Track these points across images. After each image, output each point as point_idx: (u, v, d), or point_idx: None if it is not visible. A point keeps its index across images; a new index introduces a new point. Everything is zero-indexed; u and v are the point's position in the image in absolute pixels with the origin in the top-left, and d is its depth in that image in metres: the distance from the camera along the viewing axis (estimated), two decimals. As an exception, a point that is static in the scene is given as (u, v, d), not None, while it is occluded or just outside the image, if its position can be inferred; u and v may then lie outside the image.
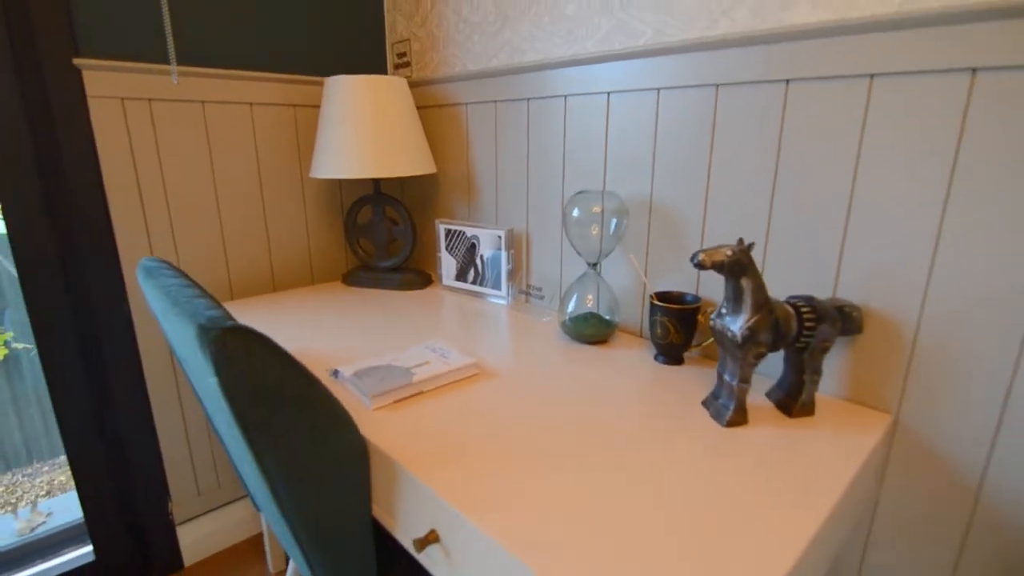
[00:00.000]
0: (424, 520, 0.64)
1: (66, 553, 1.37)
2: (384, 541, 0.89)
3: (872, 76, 0.72)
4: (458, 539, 0.59)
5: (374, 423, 0.75)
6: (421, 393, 0.83)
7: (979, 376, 0.69)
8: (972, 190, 0.66)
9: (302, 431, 0.64)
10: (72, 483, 1.59)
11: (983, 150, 0.65)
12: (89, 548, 1.36)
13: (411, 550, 0.66)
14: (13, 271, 1.71)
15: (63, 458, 1.64)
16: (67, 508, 1.54)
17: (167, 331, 0.78)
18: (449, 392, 0.83)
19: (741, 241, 0.69)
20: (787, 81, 0.79)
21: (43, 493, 1.64)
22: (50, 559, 1.35)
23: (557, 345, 1.02)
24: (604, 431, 0.71)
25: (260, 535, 1.55)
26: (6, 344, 1.90)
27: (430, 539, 0.61)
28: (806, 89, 0.77)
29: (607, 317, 1.03)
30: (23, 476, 1.67)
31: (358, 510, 0.71)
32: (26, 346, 1.65)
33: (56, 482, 1.66)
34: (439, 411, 0.77)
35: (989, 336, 0.68)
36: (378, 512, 0.74)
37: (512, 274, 1.27)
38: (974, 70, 0.64)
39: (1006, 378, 0.67)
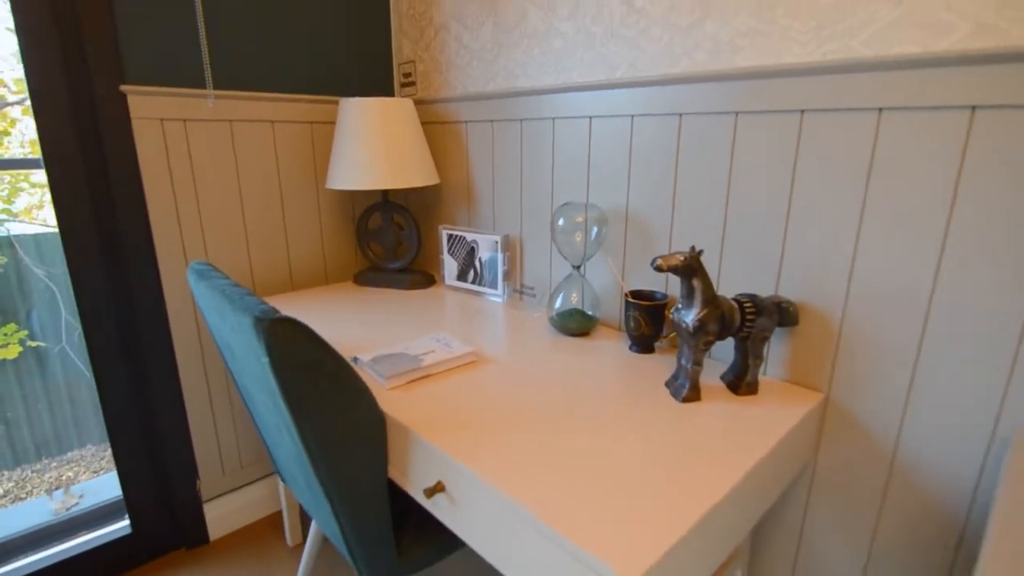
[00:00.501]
0: (432, 474, 0.79)
1: (105, 527, 1.52)
2: (395, 502, 1.04)
3: (803, 111, 0.86)
4: (461, 487, 0.74)
5: (389, 400, 0.89)
6: (428, 376, 0.97)
7: (891, 360, 0.84)
8: (881, 204, 0.81)
9: (334, 403, 0.78)
10: (86, 474, 1.74)
11: (886, 173, 0.80)
12: (126, 522, 1.51)
13: (421, 500, 0.81)
14: (41, 274, 1.86)
15: (71, 454, 1.78)
16: (95, 491, 1.68)
17: (217, 323, 0.92)
18: (452, 375, 0.98)
19: (693, 248, 0.84)
20: (736, 113, 0.94)
21: (54, 487, 1.78)
22: (91, 532, 1.50)
23: (546, 337, 1.16)
24: (583, 406, 0.86)
25: (279, 513, 1.70)
26: (21, 343, 2.05)
27: (437, 488, 0.76)
28: (751, 120, 0.92)
29: (589, 313, 1.17)
30: (31, 471, 1.81)
31: (377, 471, 0.86)
32: (41, 344, 1.79)
33: (64, 477, 1.80)
34: (444, 390, 0.92)
35: (897, 326, 0.83)
36: (393, 473, 0.89)
37: (507, 275, 1.42)
38: (880, 110, 0.79)
39: (911, 360, 0.82)
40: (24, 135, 1.52)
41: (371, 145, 1.36)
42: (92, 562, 1.43)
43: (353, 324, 1.26)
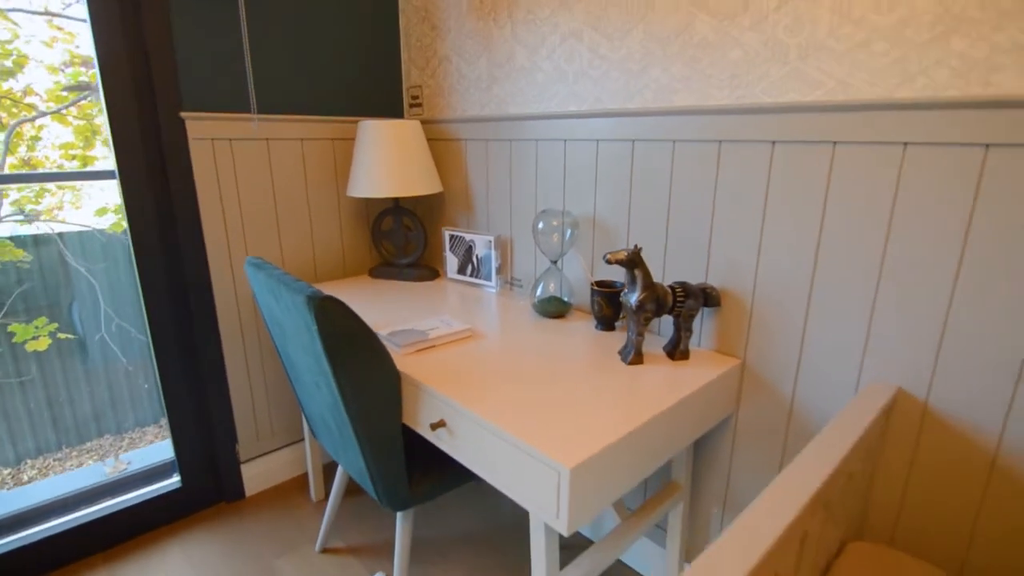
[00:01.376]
0: (436, 414, 1.05)
1: (157, 483, 1.78)
2: (408, 450, 1.31)
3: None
4: (457, 421, 1.00)
5: (403, 363, 1.16)
6: (433, 346, 1.24)
7: (786, 333, 1.10)
8: (776, 215, 1.07)
9: (364, 362, 1.05)
10: (128, 447, 2.00)
11: (779, 192, 1.06)
12: (177, 479, 1.77)
13: (427, 434, 1.08)
14: (82, 270, 2.15)
15: (112, 432, 2.05)
16: (141, 458, 1.95)
17: (270, 303, 1.19)
18: (452, 346, 1.24)
19: (636, 246, 1.11)
20: (674, 141, 1.20)
21: (104, 457, 2.05)
22: (146, 487, 1.77)
23: (529, 319, 1.43)
24: (554, 368, 1.13)
25: (305, 474, 1.96)
26: (51, 335, 2.32)
27: (440, 424, 1.03)
28: (684, 148, 1.18)
29: (565, 299, 1.44)
30: (76, 450, 2.08)
31: (394, 415, 1.13)
32: (69, 336, 2.05)
33: (111, 448, 2.06)
34: (445, 356, 1.19)
35: (790, 307, 1.09)
36: (405, 419, 1.15)
37: (499, 269, 1.68)
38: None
39: (799, 332, 1.08)
40: (57, 139, 1.78)
41: (385, 160, 1.63)
42: (151, 509, 1.70)
43: (370, 308, 1.52)
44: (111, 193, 1.82)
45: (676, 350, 1.16)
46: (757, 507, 0.65)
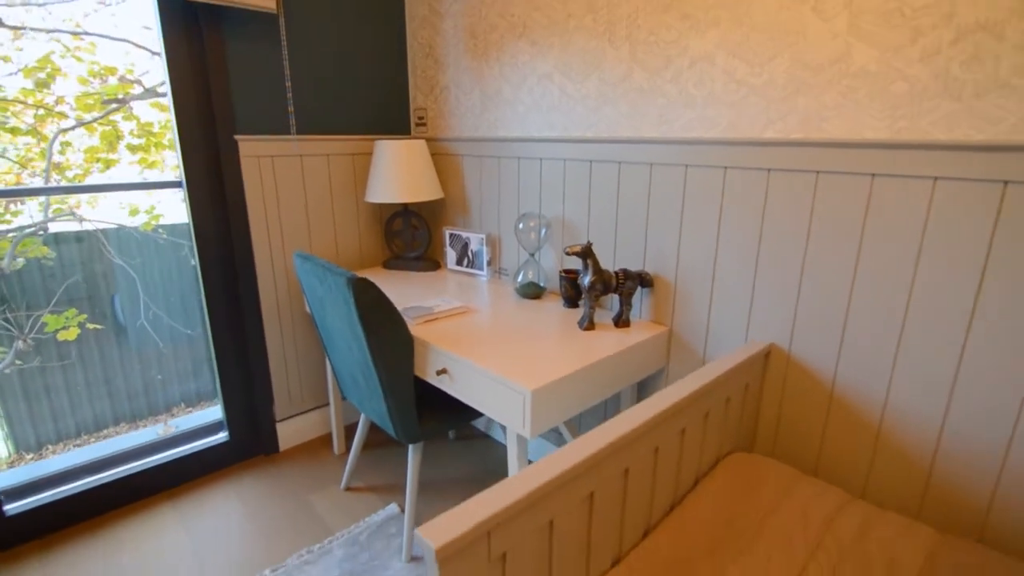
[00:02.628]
0: (440, 364, 1.44)
1: (207, 438, 2.16)
2: (417, 400, 1.69)
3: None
4: (455, 367, 1.39)
5: (415, 330, 1.54)
6: (437, 318, 1.62)
7: (699, 306, 1.49)
8: (691, 218, 1.46)
9: (388, 327, 1.43)
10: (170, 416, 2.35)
11: (692, 204, 1.44)
12: (225, 434, 2.15)
13: (432, 379, 1.46)
14: (124, 265, 2.53)
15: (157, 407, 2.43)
16: (185, 423, 2.32)
17: (314, 285, 1.57)
18: (451, 318, 1.62)
19: (589, 242, 1.49)
20: (619, 163, 1.58)
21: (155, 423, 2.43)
22: (195, 442, 2.14)
23: (512, 299, 1.81)
24: (527, 335, 1.51)
25: (328, 434, 2.35)
26: (80, 326, 2.68)
27: (443, 371, 1.41)
28: (627, 168, 1.57)
29: (540, 284, 1.82)
30: (109, 430, 2.44)
31: (408, 368, 1.51)
32: (98, 326, 2.40)
33: (159, 417, 2.42)
34: (446, 326, 1.57)
35: (700, 286, 1.47)
36: (417, 371, 1.54)
37: (490, 261, 2.07)
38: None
39: (707, 306, 1.47)
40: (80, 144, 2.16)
41: (396, 172, 2.01)
42: (204, 458, 2.08)
43: (386, 291, 1.90)
44: (135, 196, 2.20)
45: (620, 319, 1.55)
46: (622, 415, 1.03)
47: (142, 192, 2.10)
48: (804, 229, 1.25)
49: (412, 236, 2.25)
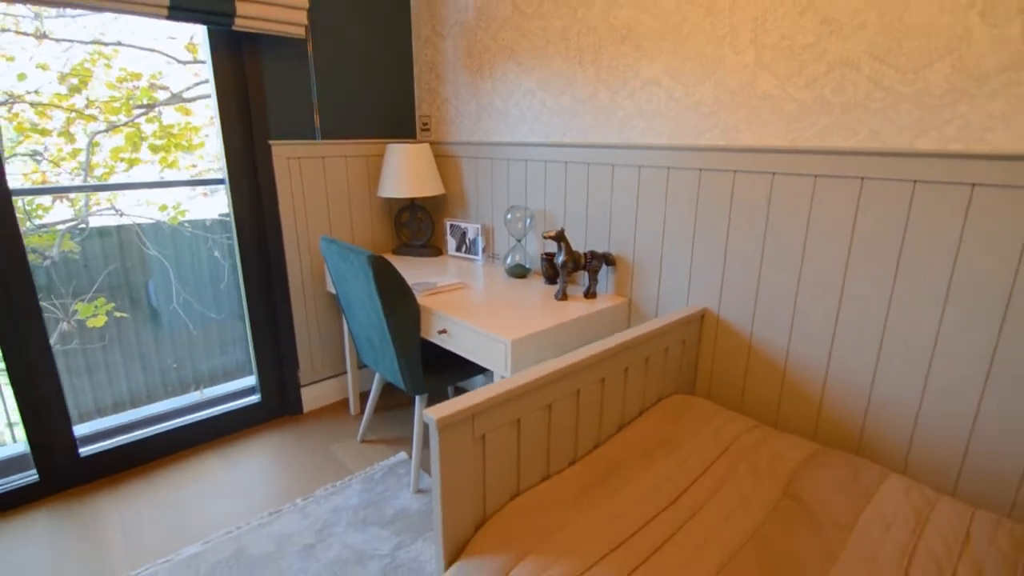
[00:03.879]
0: (441, 326, 1.79)
1: (240, 400, 2.51)
2: (423, 361, 2.03)
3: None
4: (454, 328, 1.74)
5: (421, 300, 1.89)
6: (439, 291, 1.97)
7: (651, 280, 1.83)
8: (644, 210, 1.80)
9: (400, 297, 1.78)
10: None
11: (644, 198, 1.79)
12: (257, 396, 2.51)
13: (435, 338, 1.81)
14: (158, 255, 2.89)
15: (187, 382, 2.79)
16: (214, 392, 2.67)
17: (338, 263, 1.91)
18: (451, 292, 1.97)
19: (562, 228, 1.83)
20: (588, 164, 1.93)
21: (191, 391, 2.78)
22: (231, 403, 2.49)
23: (502, 279, 2.16)
24: (512, 305, 1.86)
25: (345, 399, 2.70)
26: (107, 314, 3.03)
27: (443, 331, 1.76)
28: (596, 168, 1.91)
29: (526, 265, 2.17)
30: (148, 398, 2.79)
31: (416, 331, 1.86)
32: (123, 315, 2.74)
33: (193, 387, 2.78)
34: (447, 297, 1.92)
35: (651, 263, 1.82)
36: (423, 333, 1.89)
37: (484, 248, 2.41)
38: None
39: (657, 280, 1.81)
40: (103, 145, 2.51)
41: (404, 171, 2.35)
42: (240, 416, 2.43)
43: (396, 273, 2.25)
44: (155, 194, 2.56)
45: (588, 292, 1.90)
46: (575, 351, 1.37)
47: (160, 189, 2.45)
48: (726, 216, 1.60)
49: (418, 226, 2.60)
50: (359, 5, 2.36)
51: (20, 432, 2.52)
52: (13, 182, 1.87)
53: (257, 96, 2.16)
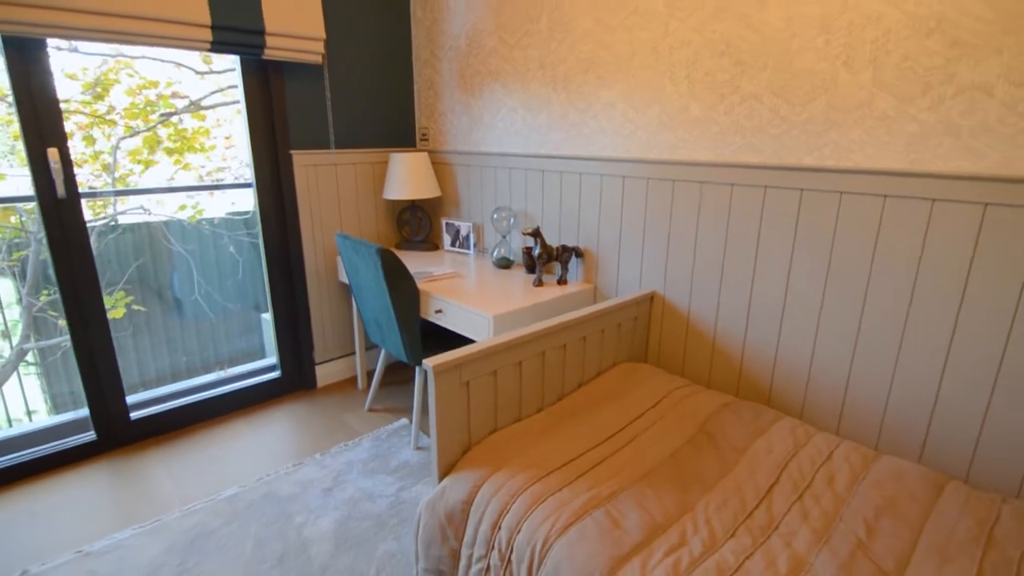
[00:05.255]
0: (437, 307, 2.16)
1: (263, 375, 2.88)
2: (423, 336, 2.40)
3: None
4: (448, 308, 2.11)
5: (421, 286, 2.26)
6: (436, 279, 2.34)
7: (611, 269, 2.20)
8: (605, 209, 2.17)
9: (404, 284, 2.15)
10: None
11: (606, 200, 2.16)
12: (278, 372, 2.88)
13: (432, 317, 2.18)
14: (182, 252, 3.27)
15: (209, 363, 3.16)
16: (235, 372, 3.05)
17: (351, 255, 2.28)
18: (446, 280, 2.34)
19: (538, 226, 2.20)
20: (560, 172, 2.30)
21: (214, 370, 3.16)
22: (255, 377, 2.86)
23: (490, 269, 2.53)
24: (499, 289, 2.23)
25: (353, 377, 3.07)
26: (127, 306, 3.40)
27: (439, 311, 2.13)
28: (567, 176, 2.28)
29: (510, 258, 2.54)
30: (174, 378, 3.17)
31: (416, 312, 2.22)
32: (142, 308, 3.11)
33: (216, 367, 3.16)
34: (442, 284, 2.28)
35: (610, 252, 2.19)
36: (422, 313, 2.26)
37: (476, 243, 2.78)
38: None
39: (615, 269, 2.18)
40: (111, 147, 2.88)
41: (406, 176, 2.72)
42: (262, 389, 2.80)
43: (399, 264, 2.62)
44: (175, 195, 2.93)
45: (560, 279, 2.26)
46: (542, 322, 1.74)
47: (193, 191, 2.81)
48: (667, 217, 1.97)
49: (417, 224, 2.97)
50: (368, 34, 2.72)
51: (37, 417, 2.92)
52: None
53: (280, 112, 2.53)
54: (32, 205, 2.60)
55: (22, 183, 3.00)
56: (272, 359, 2.92)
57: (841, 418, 1.67)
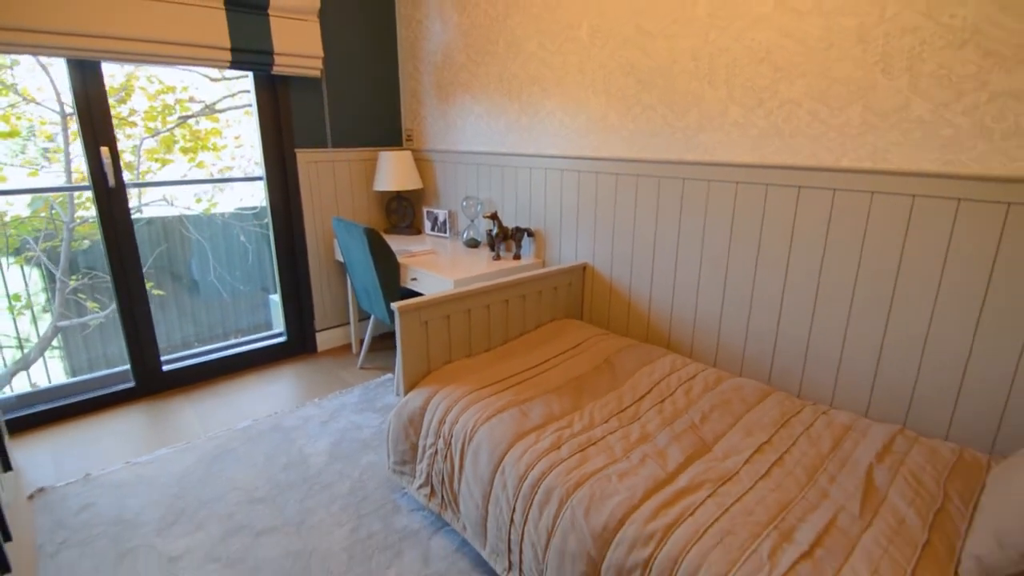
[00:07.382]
0: (413, 276, 2.67)
1: (271, 339, 3.39)
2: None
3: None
4: (421, 276, 2.62)
5: (402, 260, 2.77)
6: (415, 255, 2.84)
7: (556, 242, 2.70)
8: (550, 197, 2.67)
9: (386, 258, 2.65)
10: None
11: (550, 190, 2.66)
12: (284, 337, 3.39)
13: (410, 284, 2.69)
14: (200, 239, 3.79)
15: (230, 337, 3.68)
16: (249, 338, 3.57)
17: (345, 236, 2.79)
18: (423, 256, 2.85)
19: (495, 211, 2.71)
20: (516, 168, 2.80)
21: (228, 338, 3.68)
22: (265, 340, 3.37)
23: (460, 248, 3.03)
24: (465, 264, 2.73)
25: (348, 344, 3.58)
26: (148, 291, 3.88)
27: (415, 279, 2.64)
28: (522, 170, 2.78)
29: (477, 239, 3.04)
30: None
31: (396, 281, 2.73)
32: (161, 293, 3.63)
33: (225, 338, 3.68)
34: (419, 259, 2.79)
35: (555, 234, 2.69)
36: (402, 282, 2.77)
37: (450, 227, 3.29)
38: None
39: (558, 245, 2.68)
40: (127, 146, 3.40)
41: (392, 171, 3.23)
42: (271, 351, 3.32)
43: (386, 245, 3.13)
44: (189, 189, 3.43)
45: (515, 255, 2.77)
46: (489, 283, 2.24)
47: (208, 184, 3.32)
48: (593, 202, 2.47)
49: (403, 212, 3.48)
50: (359, 51, 3.23)
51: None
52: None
53: (286, 117, 3.04)
54: (62, 198, 3.13)
55: (53, 179, 3.50)
56: (280, 328, 3.44)
57: (718, 352, 2.17)
